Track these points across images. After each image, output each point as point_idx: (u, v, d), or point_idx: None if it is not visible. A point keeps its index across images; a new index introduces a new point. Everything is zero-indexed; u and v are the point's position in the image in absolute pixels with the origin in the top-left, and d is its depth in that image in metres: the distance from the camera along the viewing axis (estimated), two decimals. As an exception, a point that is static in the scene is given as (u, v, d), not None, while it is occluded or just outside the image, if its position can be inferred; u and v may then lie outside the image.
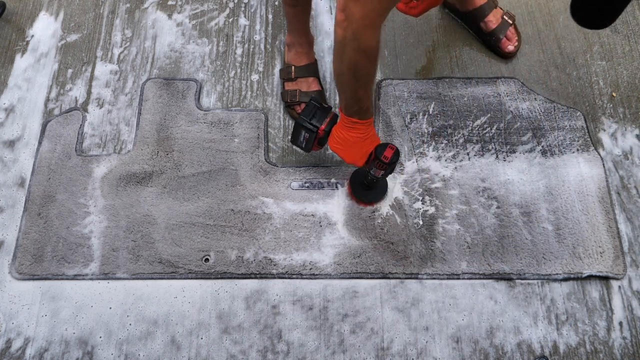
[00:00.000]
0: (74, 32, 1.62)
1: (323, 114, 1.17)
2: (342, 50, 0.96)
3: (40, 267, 1.27)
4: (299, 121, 1.18)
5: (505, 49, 1.51)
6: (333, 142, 1.17)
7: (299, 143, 1.25)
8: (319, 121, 1.17)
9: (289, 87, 1.46)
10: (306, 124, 1.17)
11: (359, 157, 1.17)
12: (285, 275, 1.26)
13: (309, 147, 1.24)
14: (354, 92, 1.03)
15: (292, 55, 1.46)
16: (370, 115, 1.10)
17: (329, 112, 1.19)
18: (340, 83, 1.05)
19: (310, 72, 1.45)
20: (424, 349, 1.20)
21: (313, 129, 1.17)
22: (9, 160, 1.41)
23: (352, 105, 1.07)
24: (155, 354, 1.20)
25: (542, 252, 1.27)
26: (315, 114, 1.17)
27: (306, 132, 1.19)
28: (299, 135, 1.22)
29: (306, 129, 1.18)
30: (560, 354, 1.19)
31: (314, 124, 1.17)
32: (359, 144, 1.14)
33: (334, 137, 1.16)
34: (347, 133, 1.12)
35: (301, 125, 1.18)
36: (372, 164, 1.15)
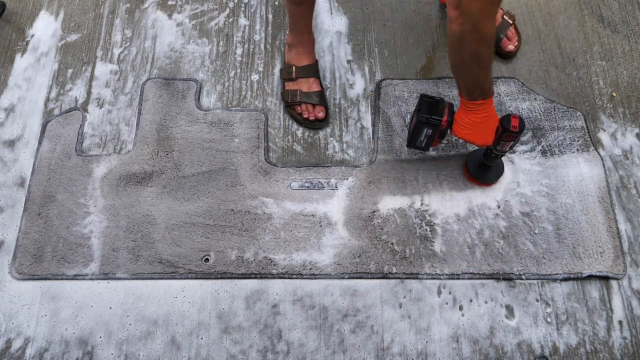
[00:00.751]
0: (74, 32, 1.62)
1: (440, 105, 1.17)
2: (461, 43, 1.00)
3: (40, 267, 1.27)
4: (420, 119, 1.16)
5: (506, 49, 1.51)
6: (460, 129, 1.17)
7: (419, 143, 1.24)
8: (439, 113, 1.16)
9: (289, 87, 1.46)
10: (429, 119, 1.16)
11: (489, 136, 1.17)
12: (285, 275, 1.26)
13: (430, 143, 1.23)
14: (477, 77, 1.06)
15: (293, 55, 1.46)
16: (492, 93, 1.12)
17: (444, 102, 1.18)
18: (461, 72, 1.08)
19: (311, 73, 1.45)
20: (424, 349, 1.20)
21: (436, 122, 1.16)
22: (9, 160, 1.41)
23: (474, 90, 1.09)
24: (155, 354, 1.20)
25: (542, 252, 1.27)
26: (431, 108, 1.16)
27: (429, 128, 1.17)
28: (419, 134, 1.20)
29: (429, 124, 1.16)
30: (560, 354, 1.19)
31: (436, 118, 1.15)
32: (486, 124, 1.15)
33: (459, 124, 1.16)
34: (473, 116, 1.14)
35: (423, 123, 1.16)
36: (501, 137, 1.15)
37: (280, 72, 1.51)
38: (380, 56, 1.56)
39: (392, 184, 1.36)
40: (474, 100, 1.11)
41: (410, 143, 1.26)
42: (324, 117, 1.43)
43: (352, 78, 1.53)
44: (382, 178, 1.37)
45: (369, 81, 1.52)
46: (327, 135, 1.45)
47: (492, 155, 1.24)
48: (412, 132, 1.22)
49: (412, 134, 1.22)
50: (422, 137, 1.22)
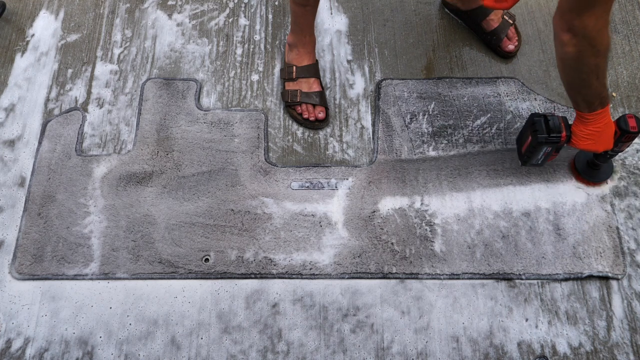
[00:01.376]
0: (74, 32, 1.62)
1: (554, 121, 1.16)
2: (579, 62, 0.98)
3: (40, 267, 1.27)
4: (539, 140, 1.15)
5: (506, 49, 1.51)
6: (581, 141, 1.15)
7: (536, 161, 1.24)
8: (557, 130, 1.15)
9: (289, 87, 1.46)
10: (548, 139, 1.15)
11: (609, 142, 1.17)
12: (285, 275, 1.26)
13: (547, 159, 1.23)
14: (596, 88, 1.05)
15: (294, 55, 1.46)
16: (609, 99, 1.11)
17: (556, 117, 1.17)
18: (579, 88, 1.06)
19: (312, 73, 1.45)
20: (424, 349, 1.20)
21: (556, 140, 1.15)
22: (9, 159, 1.41)
23: (594, 101, 1.08)
24: (155, 354, 1.20)
25: (542, 252, 1.27)
26: (547, 125, 1.16)
27: (548, 146, 1.17)
28: (538, 153, 1.20)
29: (549, 143, 1.16)
30: (560, 354, 1.19)
31: (555, 135, 1.15)
32: (606, 131, 1.14)
33: (580, 136, 1.15)
34: (593, 127, 1.12)
35: (543, 142, 1.16)
36: (620, 139, 1.16)
37: (280, 72, 1.51)
38: (380, 56, 1.56)
39: (392, 184, 1.36)
40: (593, 111, 1.10)
41: (527, 162, 1.25)
42: (324, 117, 1.43)
43: (352, 78, 1.53)
44: (382, 178, 1.37)
45: (369, 81, 1.52)
46: (327, 135, 1.45)
47: (606, 156, 1.24)
48: (529, 152, 1.21)
49: (530, 154, 1.21)
50: (540, 156, 1.22)
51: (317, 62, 1.48)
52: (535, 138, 1.16)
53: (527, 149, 1.22)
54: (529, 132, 1.19)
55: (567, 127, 1.16)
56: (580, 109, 1.11)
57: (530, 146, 1.20)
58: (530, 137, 1.19)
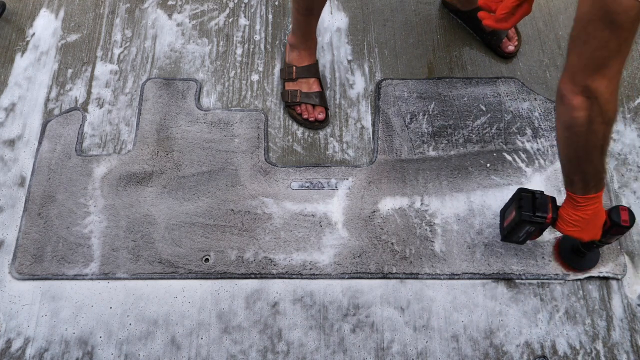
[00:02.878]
0: (74, 32, 1.62)
1: (542, 200, 1.08)
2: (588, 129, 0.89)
3: (40, 267, 1.27)
4: (523, 217, 1.07)
5: (506, 49, 1.51)
6: (566, 225, 1.06)
7: (516, 238, 1.16)
8: (543, 210, 1.07)
9: (289, 88, 1.46)
10: (532, 218, 1.07)
11: (597, 232, 1.08)
12: (285, 275, 1.26)
13: (529, 238, 1.15)
14: (596, 165, 0.96)
15: (294, 55, 1.46)
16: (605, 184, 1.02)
17: (545, 197, 1.09)
18: (580, 164, 0.97)
19: (312, 73, 1.45)
20: (424, 349, 1.20)
21: (541, 220, 1.08)
22: (9, 159, 1.41)
23: (590, 181, 0.99)
24: (155, 354, 1.20)
25: (542, 252, 1.27)
26: (534, 204, 1.08)
27: (531, 226, 1.10)
28: (520, 231, 1.12)
29: (533, 222, 1.08)
30: (559, 354, 1.19)
31: (540, 215, 1.07)
32: (595, 219, 1.05)
33: (565, 220, 1.06)
34: (582, 212, 1.03)
35: (527, 221, 1.08)
36: (609, 231, 1.07)
37: (280, 72, 1.51)
38: (380, 56, 1.56)
39: (392, 184, 1.36)
40: (586, 194, 1.00)
41: (507, 238, 1.18)
42: (323, 118, 1.43)
43: (352, 78, 1.53)
44: (382, 178, 1.37)
45: (369, 81, 1.52)
46: (327, 135, 1.45)
47: (593, 245, 1.16)
48: (511, 228, 1.14)
49: (512, 230, 1.14)
50: (522, 234, 1.14)
51: (317, 62, 1.48)
52: (519, 215, 1.08)
53: (509, 224, 1.15)
54: (514, 207, 1.11)
55: (555, 209, 1.08)
56: (573, 190, 1.02)
57: (512, 222, 1.12)
58: (514, 212, 1.11)
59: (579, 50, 0.85)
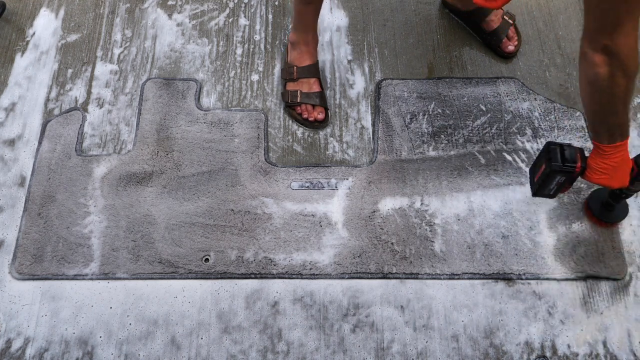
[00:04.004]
0: (74, 32, 1.62)
1: (570, 151, 1.12)
2: (610, 84, 0.96)
3: (40, 267, 1.27)
4: (553, 168, 1.11)
5: (506, 49, 1.51)
6: (595, 174, 1.10)
7: (548, 191, 1.18)
8: (572, 160, 1.11)
9: (290, 88, 1.46)
10: (562, 167, 1.11)
11: (625, 179, 1.12)
12: (285, 275, 1.26)
13: (559, 191, 1.18)
14: (621, 116, 1.02)
15: (295, 54, 1.46)
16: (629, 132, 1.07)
17: (573, 147, 1.12)
18: (604, 116, 1.02)
19: (312, 73, 1.45)
20: (424, 349, 1.20)
21: (571, 170, 1.11)
22: (9, 159, 1.41)
23: (615, 131, 1.04)
24: (155, 354, 1.20)
25: (542, 252, 1.27)
26: (563, 155, 1.11)
27: (562, 175, 1.12)
28: (550, 183, 1.15)
29: (563, 172, 1.12)
30: (559, 354, 1.19)
31: (570, 165, 1.11)
32: (622, 166, 1.09)
33: (594, 169, 1.10)
34: (610, 160, 1.08)
35: (557, 171, 1.11)
36: (636, 178, 1.11)
37: (281, 72, 1.51)
38: (380, 56, 1.56)
39: (392, 184, 1.36)
40: (613, 142, 1.05)
41: (538, 192, 1.20)
42: (323, 118, 1.43)
43: (352, 78, 1.53)
44: (382, 178, 1.37)
45: (369, 81, 1.52)
46: (327, 135, 1.45)
47: (622, 195, 1.20)
48: (542, 181, 1.17)
49: (542, 183, 1.17)
50: (553, 185, 1.16)
51: (317, 62, 1.48)
52: (549, 166, 1.12)
53: (539, 177, 1.17)
54: (544, 160, 1.16)
55: (583, 159, 1.12)
56: (600, 140, 1.07)
57: (543, 174, 1.16)
58: (544, 165, 1.14)
59: (593, 12, 0.92)
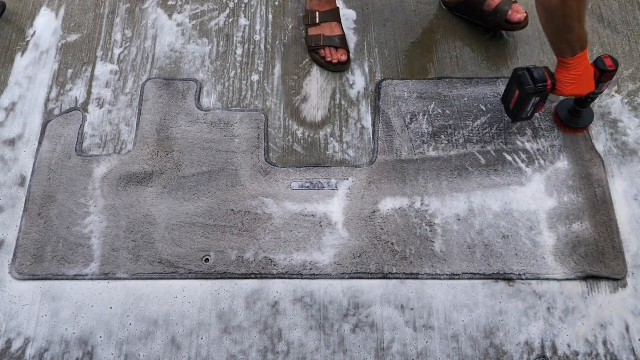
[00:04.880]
0: (74, 32, 1.62)
1: (538, 72, 1.21)
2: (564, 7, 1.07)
3: (40, 267, 1.27)
4: (527, 91, 1.21)
5: (514, 18, 1.48)
6: (565, 86, 1.22)
7: (525, 114, 1.29)
8: (542, 79, 1.21)
9: (312, 32, 1.53)
10: (535, 88, 1.21)
11: (591, 83, 1.23)
12: (285, 275, 1.26)
13: (535, 110, 1.28)
14: (578, 32, 1.13)
15: (316, 1, 1.52)
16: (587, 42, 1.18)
17: (539, 68, 1.22)
18: (562, 34, 1.14)
19: (334, 17, 1.53)
20: (424, 349, 1.20)
21: (543, 88, 1.21)
22: (9, 158, 1.41)
23: (576, 44, 1.16)
24: (155, 354, 1.20)
25: (542, 252, 1.27)
26: (532, 77, 1.21)
27: (536, 95, 1.23)
28: (527, 105, 1.26)
29: (537, 92, 1.22)
30: (559, 354, 1.19)
31: (541, 84, 1.21)
32: (586, 73, 1.21)
33: (563, 82, 1.22)
34: (574, 71, 1.20)
35: (531, 93, 1.22)
36: (600, 80, 1.23)
37: (302, 19, 1.57)
38: (380, 56, 1.56)
39: (392, 184, 1.36)
40: (574, 55, 1.17)
41: (517, 117, 1.30)
42: (346, 59, 1.51)
43: (352, 78, 1.53)
44: (382, 178, 1.37)
45: (369, 81, 1.52)
46: (327, 135, 1.45)
47: (587, 100, 1.31)
48: (518, 105, 1.26)
49: (519, 107, 1.27)
50: (529, 107, 1.27)
51: (338, 8, 1.54)
52: (523, 90, 1.22)
53: (515, 103, 1.27)
54: (515, 86, 1.24)
55: (551, 76, 1.22)
56: (563, 55, 1.19)
57: (518, 99, 1.25)
58: (518, 90, 1.24)
59: None
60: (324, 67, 1.53)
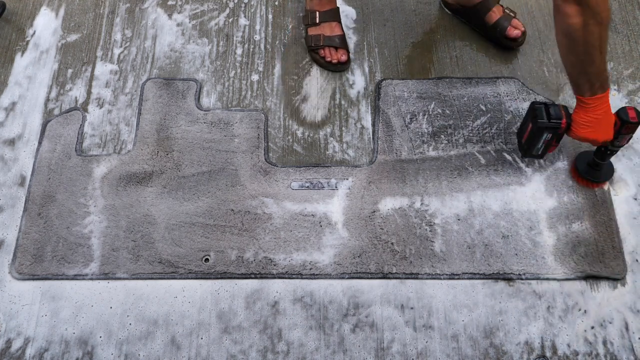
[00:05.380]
0: (74, 32, 1.62)
1: (554, 109, 1.17)
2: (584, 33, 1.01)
3: (40, 267, 1.27)
4: (540, 125, 1.16)
5: (512, 34, 1.49)
6: (580, 128, 1.16)
7: (536, 151, 1.24)
8: (557, 116, 1.16)
9: (312, 32, 1.53)
10: (548, 124, 1.16)
11: (609, 131, 1.17)
12: (285, 275, 1.26)
13: (547, 149, 1.23)
14: (599, 65, 1.07)
15: (316, 2, 1.52)
16: (609, 83, 1.12)
17: (557, 105, 1.18)
18: (582, 67, 1.07)
19: (334, 17, 1.52)
20: (424, 349, 1.20)
21: (557, 125, 1.17)
22: (9, 158, 1.42)
23: (596, 81, 1.09)
24: (155, 354, 1.20)
25: (542, 252, 1.27)
26: (548, 112, 1.17)
27: (549, 132, 1.18)
28: (538, 141, 1.21)
29: (549, 129, 1.17)
30: (559, 354, 1.19)
31: (555, 121, 1.16)
32: (606, 119, 1.15)
33: (579, 124, 1.16)
34: (593, 113, 1.13)
35: (543, 128, 1.17)
36: (620, 131, 1.16)
37: (302, 19, 1.57)
38: (380, 56, 1.56)
39: (392, 184, 1.36)
40: (594, 94, 1.11)
41: (527, 152, 1.25)
42: (346, 60, 1.50)
43: (352, 78, 1.53)
44: (382, 178, 1.37)
45: (369, 81, 1.52)
46: (327, 135, 1.45)
47: (607, 152, 1.25)
48: (530, 140, 1.22)
49: (530, 142, 1.22)
50: (541, 144, 1.22)
51: (338, 8, 1.54)
52: (536, 124, 1.17)
53: (527, 137, 1.23)
54: (530, 120, 1.20)
55: (568, 115, 1.18)
56: (581, 93, 1.12)
57: (530, 134, 1.21)
58: (531, 124, 1.20)
59: None
60: (324, 67, 1.53)
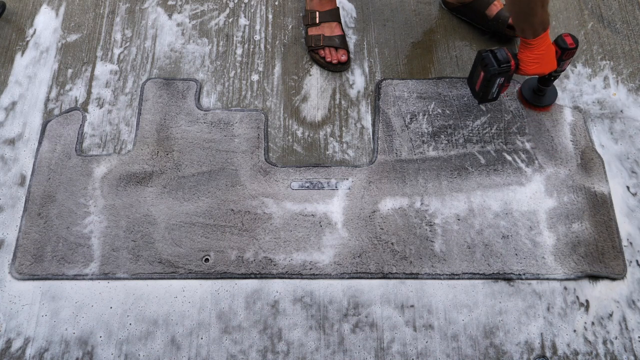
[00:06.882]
0: (74, 32, 1.62)
1: (501, 53, 1.23)
2: None
3: (40, 267, 1.27)
4: (492, 72, 1.23)
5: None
6: (529, 66, 1.25)
7: (491, 95, 1.30)
8: (505, 60, 1.23)
9: (312, 32, 1.53)
10: (499, 69, 1.23)
11: (553, 62, 1.27)
12: (285, 275, 1.26)
13: (500, 91, 1.30)
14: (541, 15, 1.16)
15: (316, 2, 1.53)
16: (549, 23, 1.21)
17: (502, 49, 1.24)
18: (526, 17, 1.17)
19: (334, 17, 1.53)
20: (424, 349, 1.20)
21: (507, 69, 1.23)
22: (9, 158, 1.41)
23: (539, 27, 1.19)
24: (155, 354, 1.20)
25: (542, 252, 1.27)
26: (496, 58, 1.23)
27: (501, 76, 1.25)
28: (492, 86, 1.27)
29: (501, 73, 1.24)
30: (559, 354, 1.19)
31: (505, 65, 1.23)
32: (548, 52, 1.25)
33: (527, 62, 1.25)
34: (537, 50, 1.23)
35: (496, 74, 1.23)
36: (561, 58, 1.26)
37: (302, 19, 1.58)
38: (380, 56, 1.56)
39: (392, 184, 1.36)
40: (537, 36, 1.20)
41: (483, 98, 1.31)
42: (346, 60, 1.51)
43: (352, 78, 1.53)
44: (382, 178, 1.37)
45: (369, 81, 1.52)
46: (327, 135, 1.45)
47: (550, 79, 1.35)
48: (484, 87, 1.28)
49: (485, 89, 1.28)
50: (495, 88, 1.28)
51: (338, 8, 1.54)
52: (488, 72, 1.24)
53: (480, 85, 1.29)
54: (480, 68, 1.26)
55: (514, 56, 1.25)
56: (526, 36, 1.21)
57: (484, 81, 1.27)
58: (482, 72, 1.26)
59: None
60: (324, 67, 1.53)
